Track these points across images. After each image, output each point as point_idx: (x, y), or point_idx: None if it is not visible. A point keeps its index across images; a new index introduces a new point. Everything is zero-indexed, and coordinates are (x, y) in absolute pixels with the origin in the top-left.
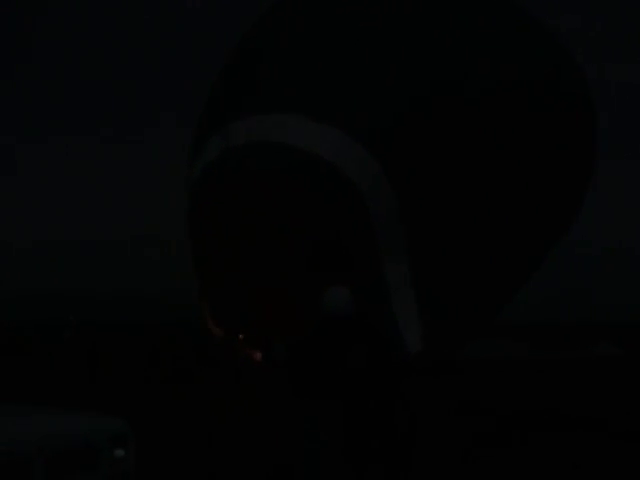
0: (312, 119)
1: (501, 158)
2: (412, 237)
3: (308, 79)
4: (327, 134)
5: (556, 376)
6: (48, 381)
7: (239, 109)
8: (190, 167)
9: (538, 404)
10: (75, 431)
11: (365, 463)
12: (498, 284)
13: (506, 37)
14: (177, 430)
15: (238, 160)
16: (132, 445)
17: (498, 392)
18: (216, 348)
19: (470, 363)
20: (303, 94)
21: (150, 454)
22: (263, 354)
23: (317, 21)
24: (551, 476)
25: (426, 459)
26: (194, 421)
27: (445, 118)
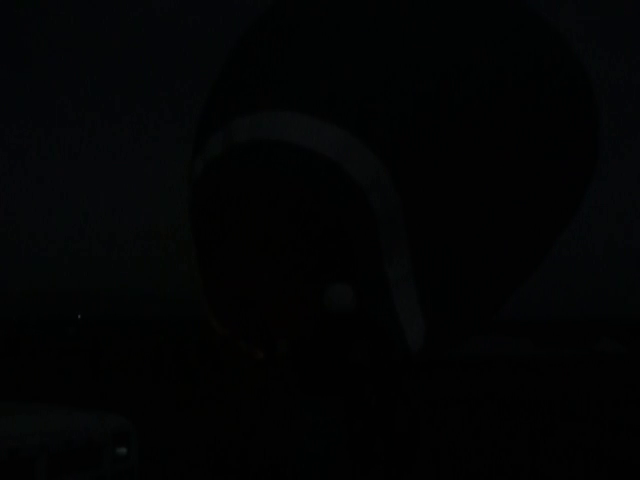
0: (316, 118)
1: (503, 157)
2: (414, 234)
3: (312, 78)
4: (331, 133)
5: (558, 373)
6: (52, 379)
7: (243, 106)
8: (191, 164)
9: (540, 401)
10: (78, 429)
11: (368, 460)
12: (499, 281)
13: (507, 36)
14: (179, 428)
15: (241, 158)
16: (135, 443)
17: (499, 390)
18: (220, 346)
19: (473, 360)
20: (306, 93)
21: (152, 452)
22: (266, 352)
23: (321, 21)
24: (551, 474)
25: (427, 457)
26: (196, 419)
27: (447, 118)
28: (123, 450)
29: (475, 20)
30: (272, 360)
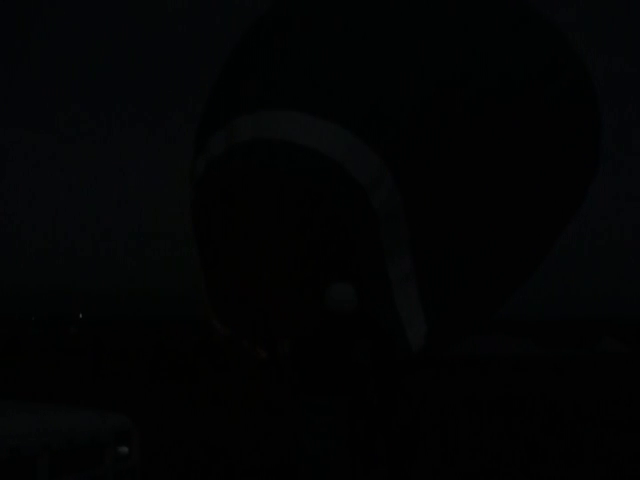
0: (318, 117)
1: (504, 157)
2: (415, 234)
3: (314, 78)
4: (333, 133)
5: (560, 372)
6: (53, 378)
7: (244, 105)
8: (193, 163)
9: (541, 401)
10: (79, 428)
11: (369, 460)
12: (501, 280)
13: (510, 36)
14: (181, 427)
15: (243, 157)
16: (136, 442)
17: (501, 389)
18: (220, 346)
19: (474, 360)
20: (308, 92)
21: (154, 451)
22: (268, 352)
23: (323, 20)
24: (553, 474)
25: (428, 457)
26: (197, 419)
27: (449, 118)
28: (125, 449)
29: (478, 20)
30: (274, 360)
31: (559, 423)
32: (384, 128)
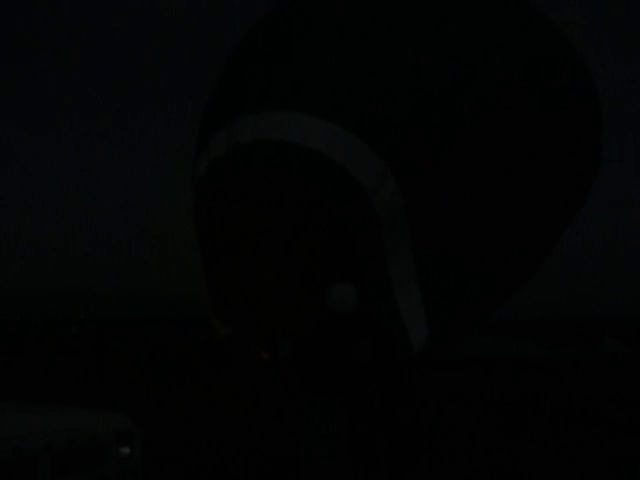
0: (320, 118)
1: (507, 158)
2: (417, 235)
3: (316, 78)
4: (335, 134)
5: (561, 373)
6: (55, 378)
7: (246, 106)
8: (195, 163)
9: (542, 402)
10: (81, 428)
11: (370, 460)
12: (502, 281)
13: (512, 36)
14: (182, 428)
15: (245, 158)
16: (138, 443)
17: (501, 390)
18: (221, 346)
19: (475, 360)
20: (310, 93)
21: (155, 452)
22: (270, 353)
23: (326, 21)
24: (554, 474)
25: (429, 457)
26: (198, 419)
27: (451, 119)
28: (126, 450)
29: (480, 21)
30: (276, 360)
31: (559, 423)
32: (386, 129)
